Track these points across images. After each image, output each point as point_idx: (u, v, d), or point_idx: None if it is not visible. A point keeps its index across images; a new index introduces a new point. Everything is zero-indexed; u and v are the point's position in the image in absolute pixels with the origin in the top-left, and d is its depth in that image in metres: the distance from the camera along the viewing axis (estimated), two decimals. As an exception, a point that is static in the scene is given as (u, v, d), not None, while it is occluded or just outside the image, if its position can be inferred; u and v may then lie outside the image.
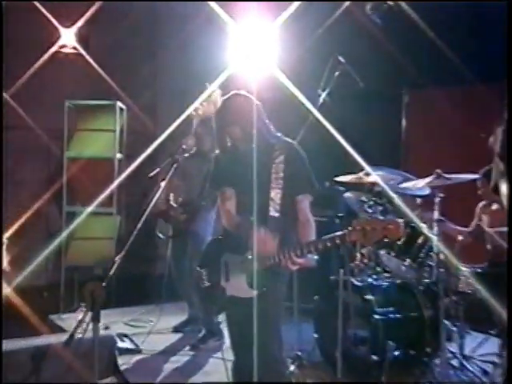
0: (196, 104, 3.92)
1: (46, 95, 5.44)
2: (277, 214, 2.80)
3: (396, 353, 3.61)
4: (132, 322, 4.91)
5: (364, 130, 5.33)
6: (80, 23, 5.00)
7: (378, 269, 4.09)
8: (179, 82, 5.69)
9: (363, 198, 4.15)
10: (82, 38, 5.26)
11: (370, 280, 3.95)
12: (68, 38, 5.13)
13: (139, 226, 2.76)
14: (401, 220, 2.40)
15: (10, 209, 4.84)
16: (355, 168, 3.94)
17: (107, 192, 4.59)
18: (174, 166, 3.09)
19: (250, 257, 2.75)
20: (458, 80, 4.89)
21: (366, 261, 4.10)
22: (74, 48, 5.25)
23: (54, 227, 5.51)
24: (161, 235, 4.75)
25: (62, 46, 5.19)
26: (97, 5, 4.85)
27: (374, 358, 3.57)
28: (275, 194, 2.82)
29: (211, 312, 4.15)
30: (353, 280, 3.88)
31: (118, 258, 2.61)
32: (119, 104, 5.56)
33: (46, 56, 4.92)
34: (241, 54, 4.42)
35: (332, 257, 4.61)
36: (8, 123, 4.80)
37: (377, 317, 3.70)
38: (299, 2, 3.90)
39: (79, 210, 5.19)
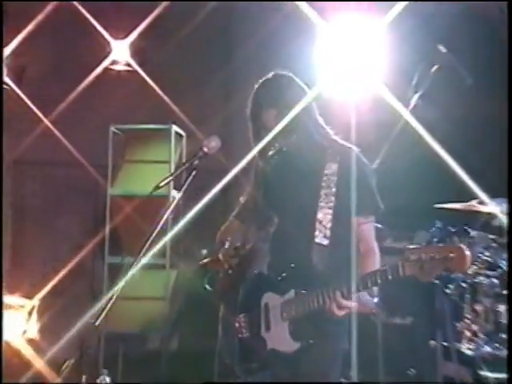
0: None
1: (92, 120, 4.87)
2: (325, 242, 2.38)
3: None
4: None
5: (470, 141, 4.45)
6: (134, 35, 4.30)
7: (502, 335, 3.46)
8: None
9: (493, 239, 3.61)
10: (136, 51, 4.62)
11: (486, 349, 3.44)
12: (120, 52, 4.49)
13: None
14: (465, 247, 2.03)
15: (48, 262, 4.39)
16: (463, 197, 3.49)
17: (162, 241, 3.74)
18: (193, 173, 2.34)
19: (292, 296, 2.37)
20: None
21: (480, 320, 3.53)
22: (127, 64, 4.66)
23: (98, 284, 4.81)
24: (208, 286, 4.00)
25: (113, 63, 4.60)
26: (155, 13, 4.18)
27: None
28: (324, 215, 2.39)
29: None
30: (461, 347, 3.45)
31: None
32: (176, 129, 4.88)
33: (93, 74, 4.34)
34: (333, 70, 3.87)
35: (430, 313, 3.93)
36: (44, 157, 4.32)
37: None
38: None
39: (125, 261, 4.34)
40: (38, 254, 4.69)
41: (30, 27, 4.02)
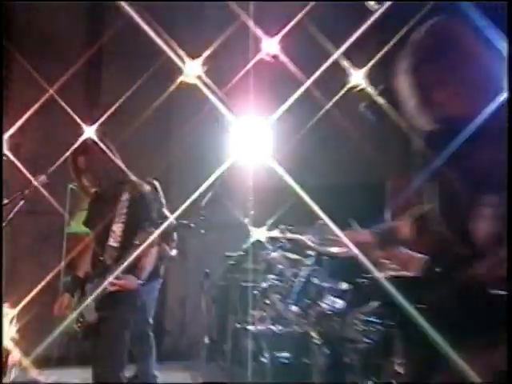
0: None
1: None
2: (116, 244, 3.29)
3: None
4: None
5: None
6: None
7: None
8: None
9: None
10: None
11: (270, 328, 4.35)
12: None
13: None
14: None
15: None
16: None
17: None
18: (21, 202, 3.25)
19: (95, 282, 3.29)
20: None
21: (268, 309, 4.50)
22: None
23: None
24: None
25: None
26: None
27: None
28: (117, 227, 3.30)
29: (148, 364, 4.62)
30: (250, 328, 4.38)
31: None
32: None
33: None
34: (240, 148, 4.74)
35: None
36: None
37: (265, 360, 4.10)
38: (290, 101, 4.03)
39: None
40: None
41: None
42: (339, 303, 4.22)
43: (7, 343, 3.54)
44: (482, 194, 1.76)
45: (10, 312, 3.80)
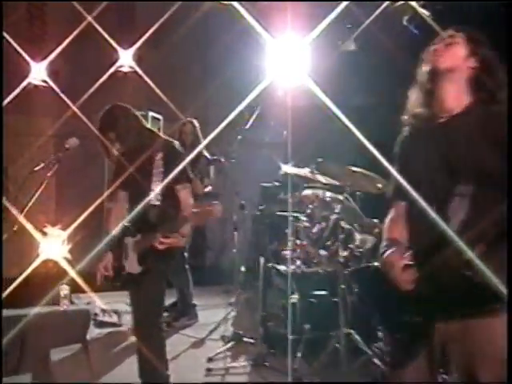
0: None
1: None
2: (157, 202, 3.36)
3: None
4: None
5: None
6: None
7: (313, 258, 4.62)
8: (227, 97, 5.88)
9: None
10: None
11: (300, 267, 4.58)
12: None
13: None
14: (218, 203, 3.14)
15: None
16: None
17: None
18: (56, 166, 3.44)
19: (139, 237, 3.41)
20: None
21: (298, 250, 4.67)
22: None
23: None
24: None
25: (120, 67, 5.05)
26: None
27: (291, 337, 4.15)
28: (156, 186, 3.37)
29: (186, 294, 4.78)
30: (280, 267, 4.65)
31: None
32: (152, 114, 5.81)
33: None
34: (277, 66, 4.74)
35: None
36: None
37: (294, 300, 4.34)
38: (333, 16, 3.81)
39: None
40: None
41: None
42: (370, 240, 4.22)
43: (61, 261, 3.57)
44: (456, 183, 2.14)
45: (62, 233, 3.85)
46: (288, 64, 5.07)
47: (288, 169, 4.54)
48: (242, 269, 5.65)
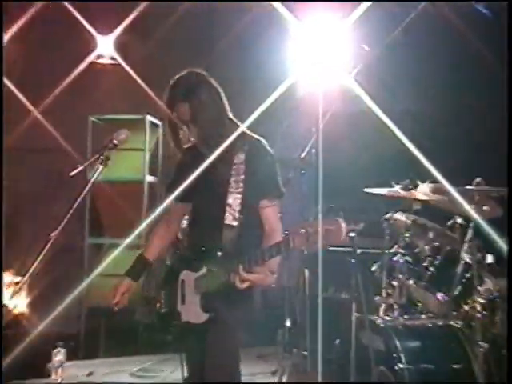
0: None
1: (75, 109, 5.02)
2: (235, 223, 2.44)
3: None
4: (140, 373, 4.44)
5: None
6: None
7: (419, 305, 3.52)
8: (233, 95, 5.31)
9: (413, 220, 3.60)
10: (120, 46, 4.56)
11: (399, 319, 3.37)
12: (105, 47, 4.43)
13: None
14: (341, 219, 2.10)
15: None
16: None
17: (144, 223, 3.60)
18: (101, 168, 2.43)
19: (204, 272, 2.46)
20: None
21: (395, 294, 3.53)
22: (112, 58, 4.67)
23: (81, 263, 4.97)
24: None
25: (99, 57, 4.70)
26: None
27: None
28: (234, 200, 2.47)
29: None
30: (374, 318, 3.33)
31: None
32: (150, 119, 5.00)
33: (80, 68, 4.36)
34: (306, 59, 3.92)
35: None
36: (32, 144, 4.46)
37: (402, 366, 3.02)
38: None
39: (106, 241, 4.71)
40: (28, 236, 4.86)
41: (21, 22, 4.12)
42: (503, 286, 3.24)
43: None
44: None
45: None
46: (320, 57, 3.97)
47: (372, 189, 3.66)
48: (287, 323, 4.32)
